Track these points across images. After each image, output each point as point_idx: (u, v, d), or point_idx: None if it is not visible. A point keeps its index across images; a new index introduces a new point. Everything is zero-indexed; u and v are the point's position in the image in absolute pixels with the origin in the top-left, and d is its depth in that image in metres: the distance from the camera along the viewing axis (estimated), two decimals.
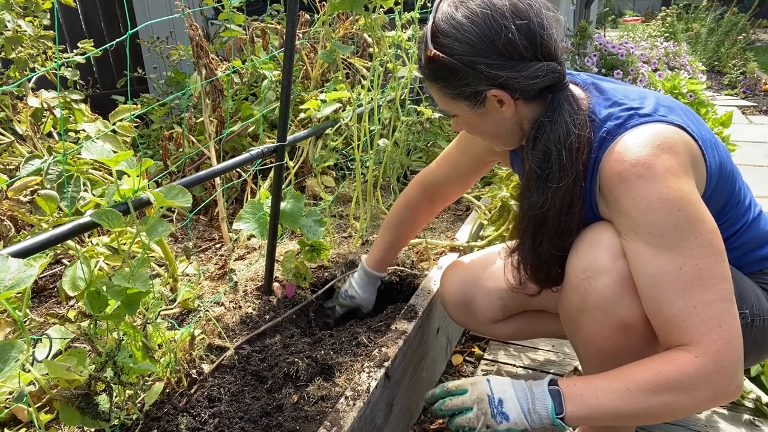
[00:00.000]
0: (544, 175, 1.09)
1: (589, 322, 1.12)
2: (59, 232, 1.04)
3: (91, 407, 1.05)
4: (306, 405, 1.28)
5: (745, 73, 7.35)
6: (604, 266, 1.07)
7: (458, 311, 1.53)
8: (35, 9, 2.33)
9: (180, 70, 3.30)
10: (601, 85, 1.16)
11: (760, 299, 1.18)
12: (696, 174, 1.05)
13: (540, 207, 1.10)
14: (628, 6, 16.75)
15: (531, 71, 1.02)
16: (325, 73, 2.69)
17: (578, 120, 1.06)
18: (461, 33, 1.02)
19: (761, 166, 3.77)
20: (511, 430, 1.06)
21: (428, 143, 2.77)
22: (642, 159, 1.00)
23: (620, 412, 1.00)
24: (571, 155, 1.06)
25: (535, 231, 1.15)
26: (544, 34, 1.03)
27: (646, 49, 5.74)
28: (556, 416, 1.03)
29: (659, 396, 0.97)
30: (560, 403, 1.04)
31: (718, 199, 1.13)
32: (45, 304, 1.87)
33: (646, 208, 0.99)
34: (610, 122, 1.08)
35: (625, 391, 0.99)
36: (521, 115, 1.12)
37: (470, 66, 1.03)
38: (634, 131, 1.04)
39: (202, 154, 2.29)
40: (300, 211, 1.55)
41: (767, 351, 1.25)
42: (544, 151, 1.08)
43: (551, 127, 1.07)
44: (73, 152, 1.44)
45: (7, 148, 2.12)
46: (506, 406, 1.07)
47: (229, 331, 1.54)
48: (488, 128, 1.16)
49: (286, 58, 1.41)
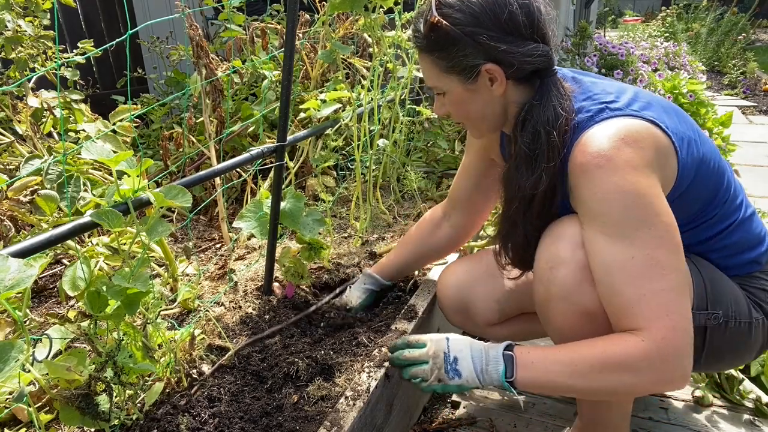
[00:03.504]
0: (534, 155, 1.12)
1: (555, 312, 1.16)
2: (59, 232, 1.04)
3: (91, 407, 1.05)
4: (306, 405, 1.28)
5: (745, 73, 7.35)
6: (564, 257, 1.11)
7: (456, 315, 1.53)
8: (35, 9, 2.33)
9: (180, 70, 3.30)
10: (581, 79, 1.18)
11: (738, 302, 1.18)
12: (664, 169, 1.07)
13: (531, 186, 1.13)
14: (628, 6, 16.76)
15: (528, 49, 1.07)
16: (325, 73, 2.69)
17: (565, 104, 1.10)
18: (465, 4, 1.06)
19: (761, 166, 3.77)
20: (462, 386, 1.12)
21: (428, 143, 2.77)
22: (603, 151, 1.03)
23: (566, 384, 1.05)
24: (560, 136, 1.09)
25: (524, 212, 1.18)
26: (541, 18, 1.08)
27: (646, 49, 5.74)
28: (506, 379, 1.08)
29: (603, 374, 1.02)
30: (513, 367, 1.08)
31: (699, 193, 1.14)
32: (45, 304, 1.87)
33: (602, 198, 1.03)
34: (581, 115, 1.11)
35: (572, 365, 1.04)
36: (509, 97, 1.15)
37: (471, 36, 1.07)
38: (602, 124, 1.07)
39: (202, 154, 2.29)
40: (300, 210, 1.55)
41: (746, 353, 1.25)
42: (533, 132, 1.11)
43: (540, 110, 1.10)
44: (73, 152, 1.44)
45: (7, 148, 2.12)
46: (460, 364, 1.12)
47: (229, 331, 1.54)
48: (475, 107, 1.18)
49: (286, 58, 1.41)
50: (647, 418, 1.53)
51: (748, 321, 1.18)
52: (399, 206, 2.42)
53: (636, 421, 1.50)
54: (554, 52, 1.11)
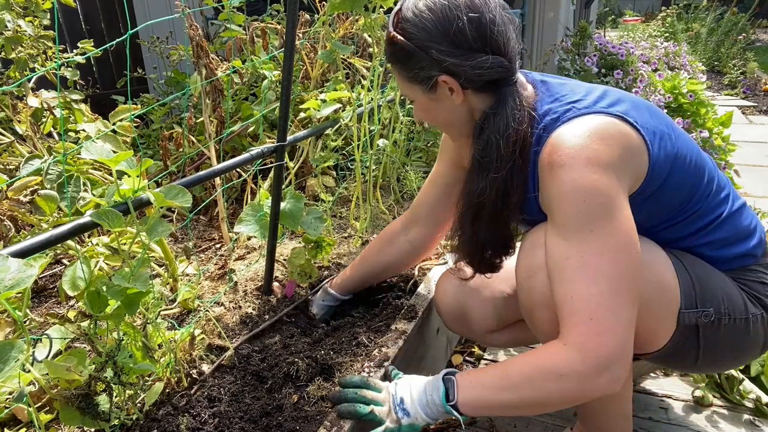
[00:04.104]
0: (484, 163, 1.14)
1: (540, 319, 1.17)
2: (59, 232, 1.04)
3: (91, 407, 1.05)
4: (306, 405, 1.28)
5: (745, 73, 7.35)
6: (541, 264, 1.12)
7: (454, 322, 1.52)
8: (35, 9, 2.33)
9: (180, 70, 3.30)
10: (549, 82, 1.19)
11: (731, 298, 1.17)
12: (633, 166, 1.07)
13: (478, 194, 1.15)
14: (628, 6, 16.76)
15: (477, 62, 1.08)
16: (325, 73, 2.69)
17: (518, 115, 1.11)
18: (419, 19, 1.10)
19: (761, 166, 3.77)
20: (414, 425, 1.12)
21: (428, 143, 2.77)
22: (567, 149, 1.04)
23: (503, 399, 1.06)
24: (508, 146, 1.11)
25: (474, 216, 1.20)
26: (495, 30, 1.08)
27: (646, 49, 5.74)
28: (447, 403, 1.08)
29: (534, 382, 1.02)
30: (454, 391, 1.09)
31: (677, 189, 1.14)
32: (45, 304, 1.87)
33: (559, 194, 1.04)
34: (547, 117, 1.12)
35: (506, 378, 1.06)
36: (472, 105, 1.17)
37: (424, 50, 1.10)
38: (568, 124, 1.08)
39: (202, 154, 2.29)
40: (300, 211, 1.55)
41: (748, 351, 1.24)
42: (486, 141, 1.13)
43: (494, 120, 1.12)
44: (73, 152, 1.44)
45: (7, 148, 2.12)
46: (405, 402, 1.14)
47: (229, 331, 1.54)
48: (441, 115, 1.21)
49: (286, 58, 1.41)
50: (647, 418, 1.53)
51: (744, 317, 1.16)
52: (399, 206, 2.42)
53: (636, 421, 1.50)
54: (513, 61, 1.12)
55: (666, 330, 1.15)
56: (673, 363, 1.33)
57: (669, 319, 1.14)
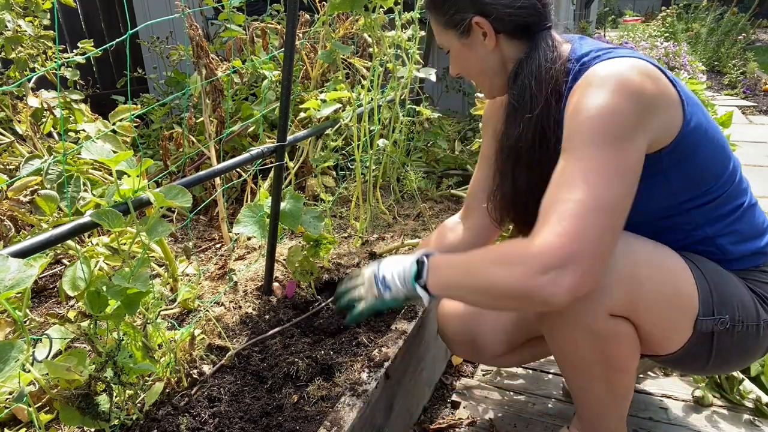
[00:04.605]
0: (520, 107, 1.15)
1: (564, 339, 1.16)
2: (59, 232, 1.04)
3: (91, 407, 1.05)
4: (306, 405, 1.28)
5: (745, 73, 7.35)
6: None
7: (462, 348, 1.49)
8: (35, 9, 2.33)
9: (180, 70, 3.30)
10: (588, 39, 1.20)
11: (745, 305, 1.16)
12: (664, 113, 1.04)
13: (516, 139, 1.16)
14: (628, 6, 16.76)
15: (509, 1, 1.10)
16: (325, 73, 2.69)
17: (550, 55, 1.12)
18: None
19: (761, 166, 3.77)
20: (396, 299, 1.19)
21: (428, 143, 2.77)
22: (603, 73, 1.02)
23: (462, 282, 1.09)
24: (540, 84, 1.11)
25: (513, 164, 1.20)
26: None
27: (646, 49, 5.75)
28: (416, 281, 1.13)
29: (487, 266, 1.04)
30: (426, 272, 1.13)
31: (710, 160, 1.12)
32: (45, 304, 1.87)
33: (578, 104, 1.01)
34: (586, 57, 1.11)
35: (467, 263, 1.09)
36: (504, 53, 1.18)
37: None
38: (610, 60, 1.05)
39: (202, 154, 2.29)
40: (300, 211, 1.55)
41: (754, 355, 1.24)
42: (521, 85, 1.14)
43: (527, 63, 1.13)
44: (73, 152, 1.44)
45: (7, 148, 2.12)
46: (387, 279, 1.19)
47: (229, 331, 1.54)
48: (474, 62, 1.22)
49: (286, 58, 1.41)
50: (647, 418, 1.52)
51: (756, 324, 1.15)
52: (399, 206, 2.42)
53: (636, 421, 1.50)
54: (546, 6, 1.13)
55: (682, 335, 1.14)
56: (682, 365, 1.32)
57: (686, 326, 1.13)
